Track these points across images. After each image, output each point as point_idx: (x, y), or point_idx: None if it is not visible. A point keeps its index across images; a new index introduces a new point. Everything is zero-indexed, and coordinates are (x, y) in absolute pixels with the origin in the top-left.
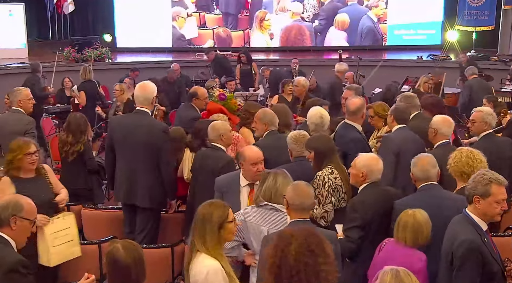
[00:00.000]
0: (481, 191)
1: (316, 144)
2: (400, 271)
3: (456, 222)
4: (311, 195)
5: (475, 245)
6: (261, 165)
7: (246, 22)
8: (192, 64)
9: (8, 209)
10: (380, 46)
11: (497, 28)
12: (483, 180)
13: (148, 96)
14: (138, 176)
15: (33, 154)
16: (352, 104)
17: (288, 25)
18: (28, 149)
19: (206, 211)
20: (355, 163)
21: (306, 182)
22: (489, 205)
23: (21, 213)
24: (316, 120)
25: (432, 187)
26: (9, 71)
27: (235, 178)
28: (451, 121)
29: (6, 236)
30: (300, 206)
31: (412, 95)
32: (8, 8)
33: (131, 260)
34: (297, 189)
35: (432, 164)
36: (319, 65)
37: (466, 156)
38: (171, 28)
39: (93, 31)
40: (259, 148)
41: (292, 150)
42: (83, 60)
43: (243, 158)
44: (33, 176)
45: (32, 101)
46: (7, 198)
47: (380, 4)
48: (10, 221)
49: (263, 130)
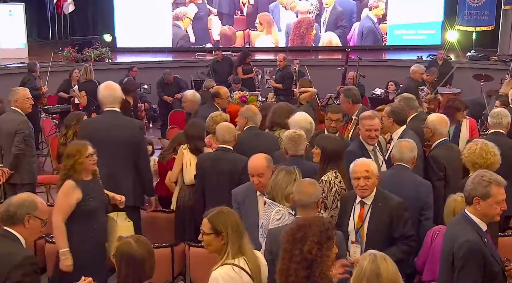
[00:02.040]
0: (481, 193)
1: (324, 143)
2: (377, 255)
3: (456, 222)
4: (310, 193)
5: (476, 246)
6: (260, 177)
7: (243, 22)
8: (192, 64)
9: (24, 207)
10: (380, 46)
11: (497, 28)
12: (483, 181)
13: (117, 95)
14: (120, 176)
15: (93, 154)
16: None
17: (296, 21)
18: (87, 150)
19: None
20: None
21: (313, 180)
22: (489, 206)
23: (35, 212)
24: (306, 125)
25: (402, 168)
26: (9, 71)
27: (250, 187)
28: (446, 119)
29: (16, 233)
30: (299, 203)
31: (411, 97)
32: (8, 8)
33: (146, 253)
34: (299, 186)
35: (410, 148)
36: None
37: (480, 148)
38: (171, 28)
39: (93, 31)
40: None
41: (288, 148)
42: (83, 60)
43: (248, 168)
44: (91, 177)
45: (29, 101)
46: (23, 196)
47: (380, 4)
48: (24, 219)
49: (243, 126)
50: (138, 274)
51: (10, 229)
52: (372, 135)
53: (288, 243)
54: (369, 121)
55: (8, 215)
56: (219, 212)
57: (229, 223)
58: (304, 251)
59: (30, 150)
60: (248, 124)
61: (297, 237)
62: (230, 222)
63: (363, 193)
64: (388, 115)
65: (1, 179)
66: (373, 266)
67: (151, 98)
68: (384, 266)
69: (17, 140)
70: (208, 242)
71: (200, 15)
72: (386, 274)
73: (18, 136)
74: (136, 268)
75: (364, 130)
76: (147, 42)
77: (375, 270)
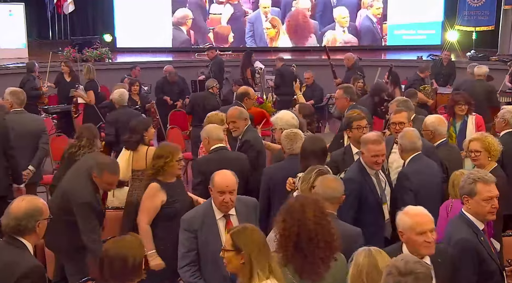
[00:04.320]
0: (467, 190)
1: (305, 143)
2: (372, 249)
3: (453, 222)
4: (334, 187)
5: (470, 244)
6: (230, 195)
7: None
8: (192, 64)
9: (34, 217)
10: (380, 46)
11: (497, 28)
12: (469, 179)
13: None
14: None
15: (181, 159)
16: None
17: (292, 12)
18: (178, 154)
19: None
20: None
21: (335, 176)
22: (477, 203)
23: (42, 216)
24: (294, 122)
25: (421, 156)
26: (9, 71)
27: (206, 210)
28: (444, 120)
29: (24, 240)
30: (323, 196)
31: (407, 99)
32: (8, 8)
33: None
34: (323, 181)
35: (418, 136)
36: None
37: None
38: (171, 28)
39: (93, 31)
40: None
41: (284, 147)
42: (83, 60)
43: (212, 183)
44: (175, 180)
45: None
46: (25, 205)
47: (375, 3)
48: (36, 228)
49: (243, 126)
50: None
51: (17, 237)
52: (379, 161)
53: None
54: (376, 147)
55: (20, 229)
56: (244, 228)
57: (252, 242)
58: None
59: None
60: (247, 124)
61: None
62: (254, 240)
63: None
64: None
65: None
66: (370, 259)
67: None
68: (380, 258)
69: (43, 141)
70: (228, 259)
71: (237, 15)
72: (383, 266)
73: (46, 135)
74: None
75: (370, 156)
76: (147, 42)
77: (373, 263)
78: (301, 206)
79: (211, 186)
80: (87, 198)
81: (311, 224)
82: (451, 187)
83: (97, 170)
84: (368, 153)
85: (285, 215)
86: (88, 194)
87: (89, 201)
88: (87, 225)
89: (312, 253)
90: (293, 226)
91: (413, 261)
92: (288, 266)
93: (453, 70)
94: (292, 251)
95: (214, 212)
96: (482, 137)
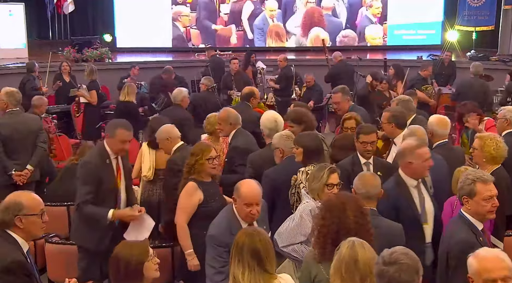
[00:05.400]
0: (466, 191)
1: (305, 141)
2: (356, 242)
3: (453, 222)
4: (376, 185)
5: (469, 245)
6: (257, 206)
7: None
8: (192, 64)
9: (9, 210)
10: (380, 46)
11: (497, 28)
12: (467, 180)
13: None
14: None
15: (214, 159)
16: None
17: (308, 9)
18: (209, 153)
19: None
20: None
21: (373, 173)
22: (477, 204)
23: (22, 211)
24: (270, 124)
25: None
26: (9, 71)
27: (231, 223)
28: (445, 121)
29: (13, 234)
30: (366, 195)
31: (408, 99)
32: (8, 8)
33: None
34: (362, 178)
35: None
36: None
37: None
38: (171, 28)
39: (93, 31)
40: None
41: (284, 148)
42: (83, 60)
43: (237, 194)
44: (210, 180)
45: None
46: (7, 199)
47: (374, 3)
48: (15, 221)
49: (230, 130)
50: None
51: (8, 231)
52: (431, 164)
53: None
54: (424, 150)
55: (2, 222)
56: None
57: (244, 248)
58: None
59: None
60: (235, 128)
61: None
62: (247, 247)
63: None
64: (388, 121)
65: (24, 179)
66: (351, 252)
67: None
68: (362, 251)
69: (43, 138)
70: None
71: (256, 13)
72: (363, 260)
73: (43, 134)
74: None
75: (422, 162)
76: (147, 42)
77: (353, 256)
78: (342, 204)
79: (236, 196)
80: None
81: (351, 222)
82: (456, 183)
83: (109, 130)
84: (420, 159)
85: (325, 212)
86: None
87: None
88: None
89: None
90: (333, 224)
91: (400, 252)
92: (323, 263)
93: (453, 71)
94: (330, 248)
95: (240, 223)
96: (484, 136)
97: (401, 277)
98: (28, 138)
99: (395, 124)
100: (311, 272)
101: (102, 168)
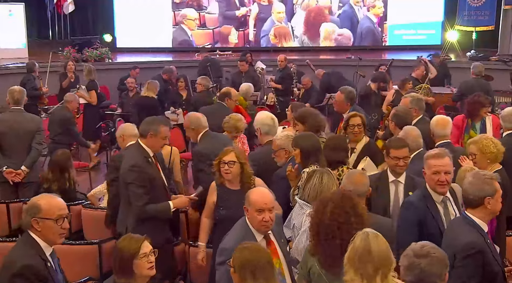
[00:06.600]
0: (490, 191)
1: (302, 142)
2: (369, 233)
3: (456, 224)
4: (365, 182)
5: (479, 247)
6: (270, 213)
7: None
8: (192, 64)
9: (28, 212)
10: (380, 46)
11: (497, 28)
12: (487, 180)
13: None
14: None
15: (227, 163)
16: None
17: (309, 8)
18: (223, 156)
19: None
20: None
21: (361, 171)
22: (497, 201)
23: (39, 214)
24: (269, 122)
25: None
26: (9, 71)
27: (246, 235)
28: (445, 121)
29: (35, 236)
30: (355, 193)
31: (421, 98)
32: (8, 8)
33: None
34: (351, 177)
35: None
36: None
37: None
38: (171, 28)
39: (93, 31)
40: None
41: (287, 149)
42: (83, 60)
43: (248, 202)
44: (238, 188)
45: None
46: (32, 199)
47: (377, 3)
48: (32, 223)
49: (197, 135)
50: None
51: (30, 232)
52: (442, 180)
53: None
54: (437, 161)
55: (20, 223)
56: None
57: (242, 261)
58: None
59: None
60: (201, 132)
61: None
62: (244, 260)
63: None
64: (391, 119)
65: (17, 179)
66: (365, 243)
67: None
68: (375, 243)
69: (39, 140)
70: (232, 273)
71: (261, 16)
72: (378, 251)
73: (40, 135)
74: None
75: (431, 174)
76: (147, 42)
77: (367, 247)
78: (328, 200)
79: (247, 205)
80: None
81: (326, 219)
82: (460, 182)
83: (151, 129)
84: (429, 170)
85: (314, 208)
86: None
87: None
88: None
89: (329, 248)
90: (315, 218)
91: (430, 245)
92: (315, 256)
93: (446, 70)
94: (316, 243)
95: (254, 235)
96: (478, 140)
97: (432, 269)
98: (24, 138)
99: (396, 123)
100: (307, 263)
101: (149, 168)
